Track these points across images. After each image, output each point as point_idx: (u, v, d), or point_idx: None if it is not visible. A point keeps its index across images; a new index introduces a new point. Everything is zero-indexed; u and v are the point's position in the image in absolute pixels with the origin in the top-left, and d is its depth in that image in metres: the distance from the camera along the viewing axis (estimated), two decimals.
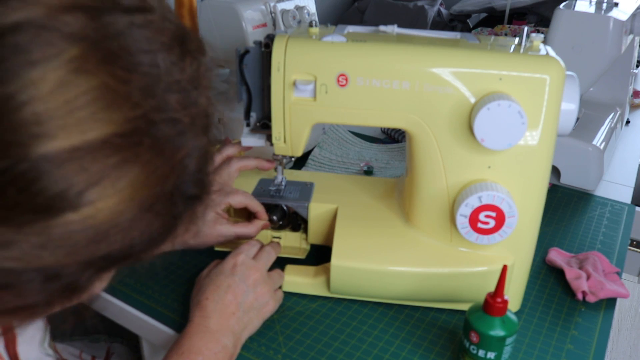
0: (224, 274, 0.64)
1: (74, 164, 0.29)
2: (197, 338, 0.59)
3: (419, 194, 0.68)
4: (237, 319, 0.62)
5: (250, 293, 0.64)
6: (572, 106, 0.62)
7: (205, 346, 0.58)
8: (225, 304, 0.62)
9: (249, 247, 0.69)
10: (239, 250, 0.68)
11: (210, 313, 0.61)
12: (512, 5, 1.76)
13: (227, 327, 0.61)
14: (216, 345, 0.59)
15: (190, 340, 0.58)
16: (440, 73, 0.61)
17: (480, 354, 0.59)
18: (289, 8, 1.00)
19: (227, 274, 0.64)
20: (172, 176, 0.34)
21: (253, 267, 0.66)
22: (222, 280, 0.64)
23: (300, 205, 0.75)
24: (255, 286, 0.65)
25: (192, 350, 0.57)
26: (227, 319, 0.61)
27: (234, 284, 0.63)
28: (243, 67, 0.67)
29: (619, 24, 0.91)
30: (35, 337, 0.58)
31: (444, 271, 0.66)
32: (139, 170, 0.31)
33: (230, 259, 0.66)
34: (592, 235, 0.88)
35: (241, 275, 0.65)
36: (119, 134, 0.30)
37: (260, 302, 0.65)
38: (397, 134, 1.16)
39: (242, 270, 0.65)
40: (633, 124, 1.34)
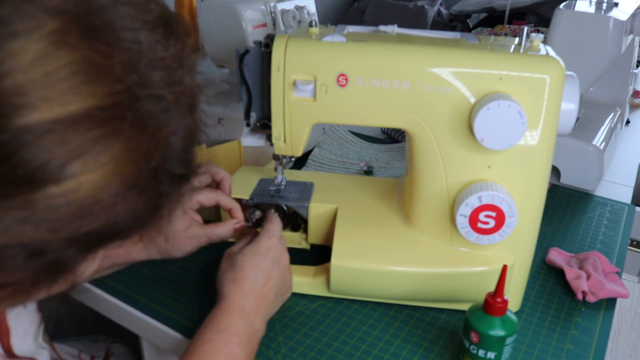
0: (260, 255, 0.64)
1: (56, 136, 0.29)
2: (235, 318, 0.58)
3: (419, 194, 0.68)
4: (268, 303, 0.63)
5: (281, 277, 0.65)
6: (572, 106, 0.62)
7: (242, 328, 0.58)
8: (260, 286, 0.62)
9: (278, 227, 0.69)
10: (273, 233, 0.67)
11: (248, 294, 0.61)
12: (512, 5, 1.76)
13: (260, 311, 0.61)
14: (250, 328, 0.59)
15: (228, 319, 0.58)
16: (440, 73, 0.61)
17: (480, 354, 0.58)
18: (289, 8, 1.00)
19: (263, 255, 0.64)
20: (157, 153, 0.34)
21: (283, 251, 0.67)
22: (259, 261, 0.63)
23: (300, 205, 0.75)
24: (285, 272, 0.66)
25: (229, 330, 0.57)
26: (261, 302, 0.62)
27: (270, 267, 0.64)
28: (243, 67, 0.67)
29: (619, 24, 0.91)
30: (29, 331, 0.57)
31: (444, 271, 0.66)
32: (122, 145, 0.31)
33: (265, 240, 0.66)
34: (592, 235, 0.88)
35: (275, 259, 0.65)
36: (101, 107, 0.30)
37: (286, 287, 0.67)
38: (397, 134, 1.16)
39: (275, 254, 0.65)
40: (633, 124, 1.34)
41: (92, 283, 0.73)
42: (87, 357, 0.85)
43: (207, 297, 0.71)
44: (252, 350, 0.59)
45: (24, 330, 0.57)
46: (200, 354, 0.54)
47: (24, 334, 0.56)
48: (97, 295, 0.72)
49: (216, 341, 0.56)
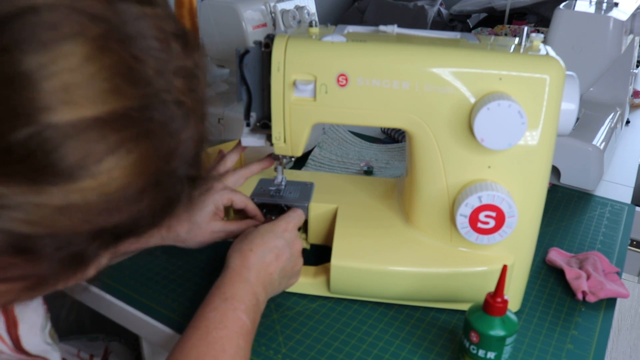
0: (273, 233, 0.66)
1: (95, 133, 0.31)
2: (240, 287, 0.60)
3: (419, 194, 0.68)
4: (272, 280, 0.64)
5: (291, 261, 0.66)
6: (572, 106, 0.62)
7: (247, 296, 0.60)
8: (266, 262, 0.63)
9: (301, 216, 0.71)
10: (291, 218, 0.69)
11: (251, 265, 0.62)
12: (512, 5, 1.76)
13: (262, 284, 0.62)
14: (254, 297, 0.61)
15: (233, 287, 0.60)
16: (440, 73, 0.61)
17: (480, 354, 0.58)
18: (289, 8, 1.00)
19: (277, 234, 0.66)
20: (176, 154, 0.36)
21: (298, 239, 0.68)
22: (270, 239, 0.65)
23: (301, 205, 0.75)
24: (296, 257, 0.67)
25: (235, 298, 0.59)
26: (264, 278, 0.63)
27: (281, 247, 0.65)
28: (243, 67, 0.67)
29: (619, 24, 0.91)
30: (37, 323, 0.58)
31: (444, 271, 0.66)
32: (149, 144, 0.34)
33: (283, 222, 0.68)
34: (592, 235, 0.88)
35: (289, 241, 0.66)
36: (135, 108, 0.33)
37: (294, 272, 0.68)
38: (397, 134, 1.16)
39: (290, 237, 0.67)
40: (633, 124, 1.34)
41: (92, 283, 0.73)
42: (86, 355, 0.85)
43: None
44: (256, 319, 0.60)
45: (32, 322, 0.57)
46: (209, 321, 0.56)
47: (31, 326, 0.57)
48: (97, 295, 0.72)
49: (223, 308, 0.58)
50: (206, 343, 0.54)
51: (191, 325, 0.57)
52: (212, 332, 0.55)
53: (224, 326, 0.56)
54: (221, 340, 0.55)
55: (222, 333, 0.55)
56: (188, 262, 0.77)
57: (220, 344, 0.54)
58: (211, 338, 0.55)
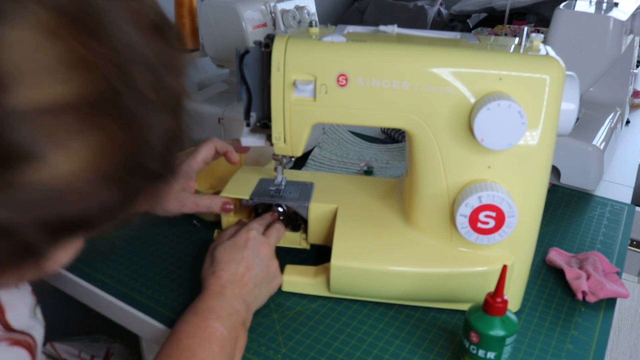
0: (238, 247, 0.67)
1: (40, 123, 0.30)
2: (211, 300, 0.61)
3: (419, 194, 0.68)
4: (249, 290, 0.64)
5: (261, 267, 0.67)
6: (572, 106, 0.62)
7: (219, 307, 0.61)
8: (239, 275, 0.64)
9: (259, 223, 0.72)
10: (251, 227, 0.70)
11: (225, 282, 0.63)
12: (512, 5, 1.76)
13: (239, 295, 0.63)
14: (230, 307, 0.61)
15: (205, 303, 0.61)
16: (440, 73, 0.61)
17: (480, 354, 0.58)
18: (289, 8, 1.00)
19: (241, 247, 0.67)
20: (135, 150, 0.35)
21: (264, 242, 0.69)
22: (236, 253, 0.66)
23: (300, 205, 0.75)
24: (266, 260, 0.68)
25: (207, 310, 0.60)
26: (241, 289, 0.64)
27: (248, 257, 0.66)
28: (243, 67, 0.67)
29: (619, 24, 0.91)
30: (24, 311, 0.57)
31: (444, 271, 0.66)
32: (102, 139, 0.33)
33: (243, 233, 0.68)
34: (592, 235, 0.88)
35: (254, 249, 0.67)
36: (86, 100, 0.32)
37: (270, 276, 0.68)
38: (397, 134, 1.16)
39: (254, 245, 0.67)
40: (633, 124, 1.34)
41: (92, 283, 0.73)
42: (87, 356, 0.85)
43: None
44: (234, 327, 0.60)
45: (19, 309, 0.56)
46: (181, 332, 0.57)
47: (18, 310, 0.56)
48: (97, 295, 0.72)
49: (195, 320, 0.59)
50: (178, 352, 0.56)
51: (166, 340, 0.58)
52: (184, 341, 0.57)
53: (194, 335, 0.57)
54: (191, 347, 0.56)
55: (193, 341, 0.56)
56: (187, 262, 0.77)
57: (191, 351, 0.55)
58: (182, 346, 0.56)
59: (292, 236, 0.78)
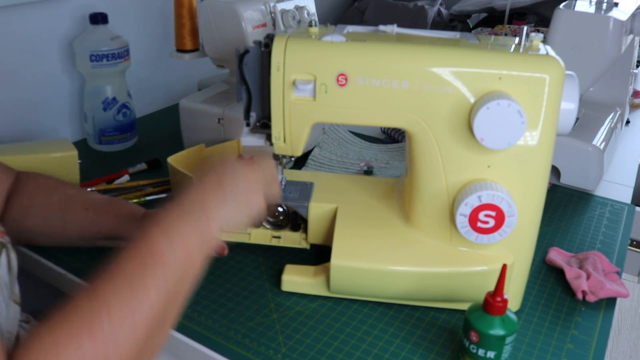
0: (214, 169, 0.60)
1: None
2: (161, 209, 0.54)
3: (418, 193, 0.68)
4: (216, 195, 0.57)
5: (239, 179, 0.59)
6: (571, 106, 0.62)
7: (163, 213, 0.53)
8: (205, 180, 0.58)
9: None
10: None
11: (188, 188, 0.57)
12: (512, 5, 1.76)
13: (199, 200, 0.56)
14: (179, 213, 0.53)
15: (155, 213, 0.54)
16: (440, 72, 0.61)
17: (480, 354, 0.59)
18: (289, 8, 1.00)
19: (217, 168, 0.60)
20: None
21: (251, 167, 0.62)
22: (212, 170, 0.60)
23: (300, 205, 0.75)
24: (247, 176, 0.60)
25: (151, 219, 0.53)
26: (203, 193, 0.56)
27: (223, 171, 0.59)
28: (243, 67, 0.67)
29: (619, 24, 0.91)
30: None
31: (444, 271, 0.66)
32: None
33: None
34: (592, 235, 0.88)
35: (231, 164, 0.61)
36: None
37: (250, 190, 0.60)
38: (397, 134, 1.16)
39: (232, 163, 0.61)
40: (633, 124, 1.34)
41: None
42: None
43: (208, 297, 0.71)
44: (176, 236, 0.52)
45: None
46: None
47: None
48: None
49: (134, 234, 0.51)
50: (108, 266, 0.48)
51: None
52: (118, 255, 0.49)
53: (128, 247, 0.50)
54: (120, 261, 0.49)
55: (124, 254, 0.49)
56: None
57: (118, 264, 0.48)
58: (114, 260, 0.49)
59: (292, 236, 0.78)
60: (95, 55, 1.03)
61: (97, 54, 1.03)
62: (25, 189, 0.72)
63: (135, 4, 1.22)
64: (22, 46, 1.02)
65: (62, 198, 0.72)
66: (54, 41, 1.08)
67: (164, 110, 1.34)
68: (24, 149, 0.89)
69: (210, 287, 0.73)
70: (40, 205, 0.71)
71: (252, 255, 0.79)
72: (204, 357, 0.64)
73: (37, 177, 0.74)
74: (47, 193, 0.72)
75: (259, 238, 0.79)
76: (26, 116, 1.07)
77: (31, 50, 1.04)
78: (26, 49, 1.03)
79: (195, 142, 0.99)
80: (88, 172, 0.99)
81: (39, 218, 0.71)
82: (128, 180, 0.98)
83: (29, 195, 0.72)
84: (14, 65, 1.02)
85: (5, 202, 0.71)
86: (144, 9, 1.24)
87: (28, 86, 1.06)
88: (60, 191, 0.73)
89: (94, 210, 0.72)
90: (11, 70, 1.02)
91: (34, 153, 0.88)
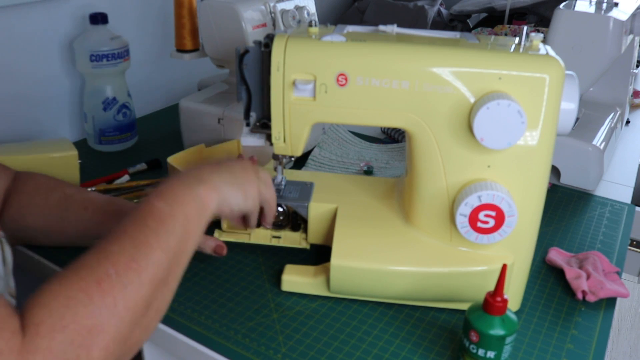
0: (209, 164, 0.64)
1: None
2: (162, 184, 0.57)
3: (418, 193, 0.68)
4: (214, 171, 0.60)
5: (236, 165, 0.64)
6: (571, 105, 0.62)
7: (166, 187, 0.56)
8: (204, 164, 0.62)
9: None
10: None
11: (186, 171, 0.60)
12: (512, 5, 1.76)
13: (199, 174, 0.59)
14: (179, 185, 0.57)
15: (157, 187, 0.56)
16: (440, 72, 0.61)
17: (480, 353, 0.58)
18: (289, 8, 1.00)
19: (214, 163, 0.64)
20: None
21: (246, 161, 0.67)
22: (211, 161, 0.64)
23: (300, 205, 0.75)
24: (244, 166, 0.65)
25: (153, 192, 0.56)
26: (202, 170, 0.60)
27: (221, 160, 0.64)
28: (243, 67, 0.67)
29: (619, 24, 0.91)
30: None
31: (444, 271, 0.66)
32: None
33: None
34: (592, 235, 0.88)
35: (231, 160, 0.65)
36: None
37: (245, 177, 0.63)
38: (397, 134, 1.16)
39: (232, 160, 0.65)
40: (633, 124, 1.34)
41: None
42: None
43: (208, 297, 0.71)
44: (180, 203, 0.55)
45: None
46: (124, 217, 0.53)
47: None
48: None
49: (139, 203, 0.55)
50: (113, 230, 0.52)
51: None
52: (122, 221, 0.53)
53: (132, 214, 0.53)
54: (124, 224, 0.52)
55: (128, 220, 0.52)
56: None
57: (123, 228, 0.51)
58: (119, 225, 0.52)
59: (292, 236, 0.78)
60: (95, 55, 1.03)
61: (97, 54, 1.03)
62: (24, 188, 0.72)
63: (135, 4, 1.22)
64: (22, 46, 1.02)
65: (61, 197, 0.72)
66: (54, 41, 1.08)
67: (164, 110, 1.34)
68: (24, 149, 0.89)
69: (210, 287, 0.73)
70: (39, 205, 0.71)
71: (252, 255, 0.79)
72: (204, 357, 0.64)
73: (36, 177, 0.74)
74: (46, 192, 0.72)
75: (259, 238, 0.79)
76: (26, 116, 1.07)
77: (31, 50, 1.04)
78: (26, 49, 1.03)
79: (195, 142, 0.99)
80: (88, 172, 0.99)
81: (38, 217, 0.71)
82: (128, 180, 0.98)
83: (28, 194, 0.72)
84: (14, 65, 1.02)
85: (3, 201, 0.71)
86: (144, 9, 1.24)
87: (28, 86, 1.06)
88: (59, 191, 0.73)
89: (93, 209, 0.72)
90: (11, 70, 1.02)
91: (34, 153, 0.88)
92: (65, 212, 0.72)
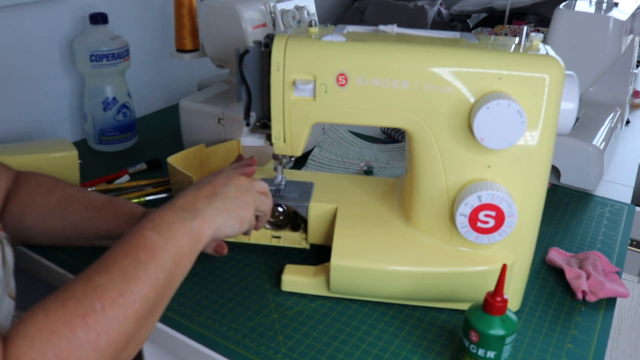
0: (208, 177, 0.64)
1: None
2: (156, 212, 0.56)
3: (418, 193, 0.68)
4: (208, 201, 0.60)
5: (231, 187, 0.62)
6: (571, 105, 0.62)
7: (160, 216, 0.56)
8: (200, 188, 0.61)
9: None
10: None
11: (182, 194, 0.60)
12: (512, 5, 1.76)
13: (193, 205, 0.59)
14: (173, 216, 0.56)
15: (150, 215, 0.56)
16: (440, 72, 0.61)
17: (480, 353, 0.58)
18: (289, 8, 1.00)
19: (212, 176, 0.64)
20: None
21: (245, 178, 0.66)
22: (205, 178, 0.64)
23: (300, 205, 0.75)
24: (239, 186, 0.64)
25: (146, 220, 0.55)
26: (196, 199, 0.59)
27: (216, 179, 0.63)
28: (243, 67, 0.67)
29: (619, 24, 0.91)
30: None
31: (444, 270, 0.66)
32: None
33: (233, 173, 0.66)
34: (592, 235, 0.88)
35: (226, 176, 0.64)
36: None
37: (240, 200, 0.62)
38: (397, 134, 1.16)
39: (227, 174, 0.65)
40: (633, 124, 1.34)
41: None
42: None
43: (208, 297, 0.71)
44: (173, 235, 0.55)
45: None
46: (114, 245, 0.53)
47: None
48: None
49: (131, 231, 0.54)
50: (103, 259, 0.51)
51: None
52: (112, 250, 0.52)
53: (123, 243, 0.53)
54: (114, 255, 0.51)
55: (119, 249, 0.52)
56: None
57: (113, 258, 0.51)
58: (108, 255, 0.51)
59: (292, 236, 0.78)
60: (95, 55, 1.03)
61: (97, 54, 1.03)
62: (25, 188, 0.72)
63: (135, 4, 1.22)
64: (22, 46, 1.02)
65: (62, 197, 0.72)
66: (54, 41, 1.08)
67: (164, 110, 1.34)
68: (24, 149, 0.89)
69: (210, 287, 0.73)
70: (40, 205, 0.71)
71: (252, 255, 0.79)
72: (204, 357, 0.64)
73: (37, 177, 0.74)
74: (47, 192, 0.72)
75: (259, 238, 0.79)
76: (26, 116, 1.07)
77: (31, 50, 1.04)
78: (26, 49, 1.03)
79: (195, 142, 0.99)
80: (88, 172, 0.99)
81: (39, 217, 0.71)
82: (128, 180, 0.98)
83: (29, 194, 0.72)
84: (14, 65, 1.02)
85: (4, 201, 0.71)
86: (144, 9, 1.24)
87: (28, 86, 1.06)
88: (59, 190, 0.73)
89: (93, 209, 0.72)
90: (11, 70, 1.02)
91: (34, 153, 0.88)
92: (65, 211, 0.72)
